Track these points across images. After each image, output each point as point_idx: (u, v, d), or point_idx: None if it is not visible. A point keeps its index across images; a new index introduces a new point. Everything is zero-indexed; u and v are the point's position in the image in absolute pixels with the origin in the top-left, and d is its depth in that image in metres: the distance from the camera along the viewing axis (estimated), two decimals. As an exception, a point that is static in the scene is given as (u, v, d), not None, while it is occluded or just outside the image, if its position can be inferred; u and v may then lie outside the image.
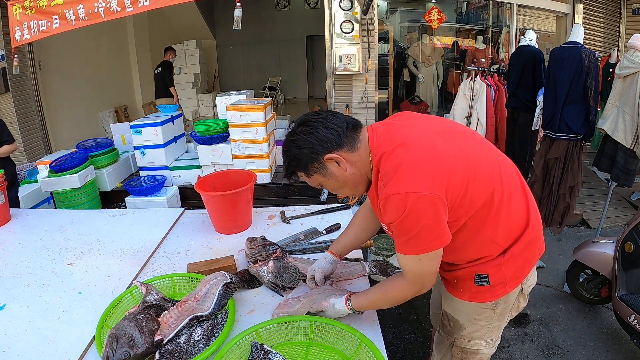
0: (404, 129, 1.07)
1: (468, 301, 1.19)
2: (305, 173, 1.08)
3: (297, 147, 1.05)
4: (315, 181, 1.10)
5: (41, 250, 1.69)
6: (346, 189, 1.11)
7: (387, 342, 1.12)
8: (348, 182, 1.08)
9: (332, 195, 3.76)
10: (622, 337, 2.39)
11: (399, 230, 0.99)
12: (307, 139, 1.04)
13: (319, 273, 1.27)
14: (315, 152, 1.03)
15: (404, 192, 0.94)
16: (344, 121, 1.06)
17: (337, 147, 1.04)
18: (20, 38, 3.82)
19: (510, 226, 1.10)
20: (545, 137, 3.16)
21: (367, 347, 1.01)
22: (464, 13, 6.68)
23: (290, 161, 1.08)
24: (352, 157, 1.06)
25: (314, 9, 9.89)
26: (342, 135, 1.04)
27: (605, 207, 3.31)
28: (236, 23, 3.33)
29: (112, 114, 6.65)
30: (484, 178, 1.03)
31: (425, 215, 0.95)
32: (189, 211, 2.05)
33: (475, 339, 1.24)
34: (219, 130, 3.68)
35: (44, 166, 3.51)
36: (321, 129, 1.03)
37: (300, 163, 1.06)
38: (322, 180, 1.09)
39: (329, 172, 1.06)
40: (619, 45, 5.88)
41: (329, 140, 1.03)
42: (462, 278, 1.17)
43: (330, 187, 1.11)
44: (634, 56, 2.91)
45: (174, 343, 1.07)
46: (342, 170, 1.06)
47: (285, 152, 1.09)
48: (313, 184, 1.12)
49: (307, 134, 1.04)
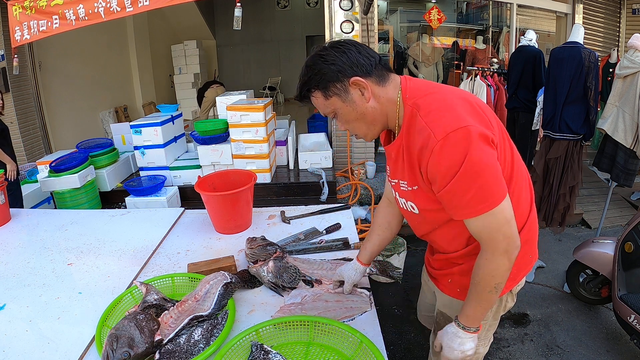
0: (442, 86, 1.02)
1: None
2: (323, 93, 0.98)
3: (325, 62, 0.96)
4: (331, 106, 1.00)
5: (41, 250, 1.69)
6: (361, 123, 1.02)
7: (387, 342, 1.12)
8: (366, 116, 1.00)
9: (332, 195, 3.76)
10: (622, 337, 2.39)
11: (464, 183, 0.87)
12: (337, 57, 0.96)
13: (348, 285, 1.27)
14: (342, 71, 0.96)
15: (462, 126, 0.86)
16: (377, 55, 1.00)
17: (366, 74, 0.97)
18: (20, 38, 3.82)
19: (516, 215, 1.03)
20: (545, 137, 3.16)
21: (367, 347, 1.01)
22: (464, 13, 6.68)
23: (312, 76, 0.98)
24: (378, 91, 0.99)
25: (314, 9, 9.89)
26: (373, 65, 0.98)
27: (605, 207, 3.31)
28: (236, 23, 3.33)
29: (112, 114, 6.65)
30: (507, 155, 0.99)
31: (488, 153, 0.87)
32: (189, 211, 2.05)
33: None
34: (219, 130, 3.68)
35: (44, 166, 3.52)
36: (354, 52, 0.97)
37: (322, 79, 0.97)
38: (339, 106, 1.00)
39: (349, 97, 0.98)
40: (619, 45, 5.88)
41: (359, 64, 0.96)
42: (459, 277, 1.14)
43: (345, 117, 1.02)
44: (634, 56, 2.91)
45: (174, 343, 1.07)
46: (364, 100, 0.98)
47: (309, 66, 0.99)
48: (327, 109, 1.02)
49: (339, 52, 0.96)
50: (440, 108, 0.92)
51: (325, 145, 4.28)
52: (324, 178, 3.75)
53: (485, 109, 0.98)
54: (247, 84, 8.83)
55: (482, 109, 0.97)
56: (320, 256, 1.54)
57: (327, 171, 3.91)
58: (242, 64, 10.66)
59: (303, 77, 1.00)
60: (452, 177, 0.88)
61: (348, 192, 4.02)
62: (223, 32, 10.11)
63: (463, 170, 0.86)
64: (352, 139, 4.43)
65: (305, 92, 1.02)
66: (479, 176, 0.87)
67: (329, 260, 1.48)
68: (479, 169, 0.87)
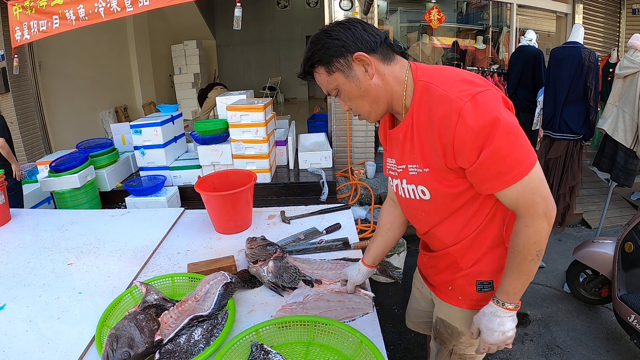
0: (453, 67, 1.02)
1: (468, 309, 1.12)
2: (326, 68, 0.97)
3: (329, 37, 0.95)
4: (334, 82, 0.98)
5: (41, 250, 1.69)
6: (363, 101, 1.00)
7: (387, 342, 1.12)
8: (369, 93, 0.98)
9: (332, 195, 3.76)
10: (622, 337, 2.39)
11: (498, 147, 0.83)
12: (342, 32, 0.95)
13: (350, 285, 1.27)
14: (346, 46, 0.94)
15: (488, 89, 0.86)
16: (383, 34, 0.99)
17: (370, 51, 0.95)
18: (20, 38, 3.82)
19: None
20: (545, 137, 3.16)
21: (367, 347, 1.01)
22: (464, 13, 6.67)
23: (315, 51, 0.97)
24: (383, 69, 0.97)
25: (314, 9, 9.90)
26: (379, 43, 0.96)
27: (605, 207, 3.31)
28: (236, 23, 3.33)
29: (112, 114, 6.65)
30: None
31: (510, 115, 0.86)
32: (189, 211, 2.05)
33: (474, 343, 1.18)
34: (219, 130, 3.68)
35: (44, 166, 3.52)
36: (359, 29, 0.95)
37: (326, 54, 0.95)
38: (342, 82, 0.98)
39: (352, 73, 0.96)
40: (619, 45, 5.88)
41: (364, 40, 0.95)
42: (460, 285, 1.11)
43: (348, 94, 0.99)
44: (634, 56, 2.91)
45: (174, 343, 1.07)
46: (367, 77, 0.96)
47: (313, 42, 0.98)
48: (329, 86, 1.00)
49: (344, 28, 0.95)
50: (458, 79, 0.91)
51: (325, 145, 4.28)
52: (324, 178, 3.75)
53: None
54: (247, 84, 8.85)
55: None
56: (320, 256, 1.54)
57: (327, 171, 3.91)
58: (242, 64, 10.67)
59: (307, 53, 0.99)
60: (488, 140, 0.84)
61: (348, 192, 4.02)
62: (223, 32, 10.12)
63: (501, 130, 0.83)
64: (352, 139, 4.43)
65: (308, 67, 1.00)
66: (516, 136, 0.84)
67: (329, 260, 1.47)
68: (514, 128, 0.84)
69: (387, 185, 1.19)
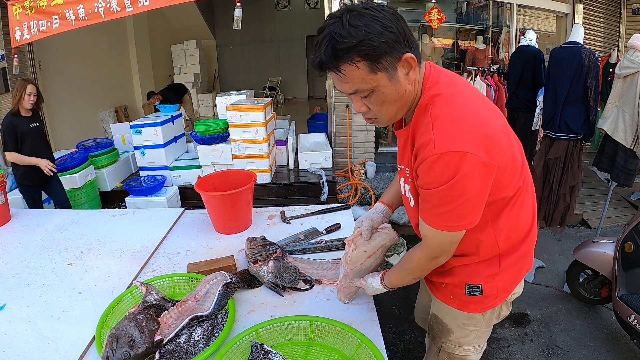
0: (467, 86, 0.93)
1: (457, 309, 1.13)
2: (371, 65, 0.78)
3: (382, 27, 0.77)
4: (373, 82, 0.81)
5: (41, 250, 1.69)
6: (394, 106, 0.88)
7: (387, 342, 1.12)
8: (403, 99, 0.87)
9: (332, 195, 3.76)
10: (622, 337, 2.39)
11: (439, 198, 0.85)
12: (394, 23, 0.78)
13: (366, 221, 1.18)
14: (400, 43, 0.78)
15: (462, 151, 0.79)
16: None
17: (412, 51, 0.81)
18: (20, 38, 3.82)
19: (516, 229, 1.04)
20: (545, 137, 3.16)
21: (367, 347, 1.01)
22: (464, 13, 6.67)
23: (362, 41, 0.76)
24: (415, 73, 0.85)
25: (314, 9, 9.89)
26: (415, 43, 0.82)
27: (605, 207, 3.31)
28: (236, 23, 3.34)
29: (112, 114, 6.66)
30: (517, 169, 0.95)
31: (475, 185, 0.83)
32: (189, 211, 2.05)
33: (463, 344, 1.19)
34: (219, 130, 3.69)
35: (44, 166, 3.51)
36: (402, 21, 0.80)
37: (377, 49, 0.76)
38: (383, 84, 0.82)
39: (396, 77, 0.82)
40: (619, 45, 5.88)
41: (409, 38, 0.79)
42: (451, 285, 1.12)
43: (384, 97, 0.85)
44: (634, 56, 2.91)
45: (174, 343, 1.07)
46: (407, 81, 0.84)
47: (356, 25, 0.76)
48: (363, 85, 0.81)
49: (394, 18, 0.79)
50: (452, 118, 0.84)
51: (325, 145, 4.29)
52: (324, 178, 3.75)
53: (501, 130, 0.91)
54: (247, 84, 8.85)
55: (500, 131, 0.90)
56: (320, 256, 1.54)
57: (327, 171, 3.91)
58: (242, 64, 10.67)
59: (344, 38, 0.76)
60: (429, 189, 0.87)
61: (348, 192, 4.02)
62: (223, 32, 10.12)
63: (443, 190, 0.84)
64: (352, 139, 4.43)
65: (343, 57, 0.78)
66: (453, 201, 0.85)
67: (329, 260, 1.48)
68: (455, 197, 0.84)
69: None
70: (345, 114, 4.34)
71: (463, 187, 0.83)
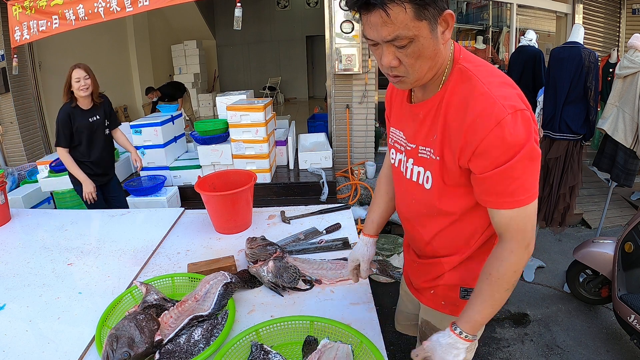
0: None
1: (449, 315, 1.09)
2: (417, 10, 0.75)
3: None
4: (416, 30, 0.77)
5: (41, 250, 1.69)
6: (427, 64, 0.84)
7: (387, 342, 1.12)
8: (437, 57, 0.84)
9: (332, 195, 3.76)
10: (622, 337, 2.39)
11: (523, 163, 0.79)
12: None
13: (365, 263, 1.17)
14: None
15: (523, 108, 0.79)
16: None
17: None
18: (20, 38, 3.82)
19: None
20: (545, 137, 3.16)
21: (367, 347, 1.01)
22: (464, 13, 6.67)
23: None
24: (450, 33, 0.84)
25: (314, 9, 9.90)
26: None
27: (605, 207, 3.31)
28: (236, 23, 3.34)
29: (112, 114, 6.65)
30: None
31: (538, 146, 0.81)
32: (189, 211, 2.05)
33: None
34: (219, 130, 3.68)
35: (44, 166, 3.52)
36: None
37: None
38: (425, 35, 0.79)
39: (436, 31, 0.80)
40: (619, 45, 5.88)
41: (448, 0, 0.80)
42: (444, 289, 1.08)
43: (421, 51, 0.81)
44: (634, 56, 2.91)
45: (174, 343, 1.07)
46: (442, 39, 0.82)
47: None
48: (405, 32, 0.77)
49: None
50: (502, 82, 0.84)
51: (325, 145, 4.28)
52: (324, 178, 3.75)
53: None
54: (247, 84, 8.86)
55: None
56: (320, 256, 1.54)
57: (327, 171, 3.91)
58: (242, 64, 10.68)
59: None
60: (512, 158, 0.79)
61: (348, 192, 4.02)
62: (223, 32, 10.12)
63: (525, 153, 0.78)
64: (352, 139, 4.43)
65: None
66: (535, 165, 0.81)
67: (329, 260, 1.48)
68: (536, 157, 0.80)
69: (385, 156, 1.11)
70: (345, 114, 4.34)
71: (533, 146, 0.79)
